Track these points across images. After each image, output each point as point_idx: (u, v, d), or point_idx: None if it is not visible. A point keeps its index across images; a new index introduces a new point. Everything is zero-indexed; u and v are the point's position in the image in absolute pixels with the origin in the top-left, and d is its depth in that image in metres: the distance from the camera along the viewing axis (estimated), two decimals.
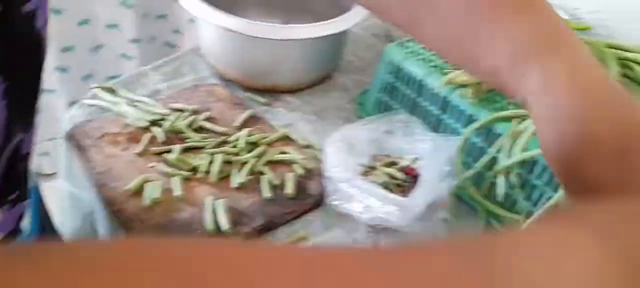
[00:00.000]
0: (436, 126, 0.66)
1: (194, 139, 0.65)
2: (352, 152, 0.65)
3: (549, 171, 0.55)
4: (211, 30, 0.75)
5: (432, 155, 0.60)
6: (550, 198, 0.54)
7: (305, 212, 0.61)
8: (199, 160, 0.62)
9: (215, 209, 0.57)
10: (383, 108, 0.71)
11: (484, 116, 0.60)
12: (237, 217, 0.57)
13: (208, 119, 0.68)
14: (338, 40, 0.77)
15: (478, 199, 0.60)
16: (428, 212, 0.59)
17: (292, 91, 0.76)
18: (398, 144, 0.67)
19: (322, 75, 0.78)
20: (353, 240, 0.59)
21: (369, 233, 0.59)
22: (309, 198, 0.61)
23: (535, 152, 0.55)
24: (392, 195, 0.57)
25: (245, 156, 0.63)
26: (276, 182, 0.61)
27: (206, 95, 0.73)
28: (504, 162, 0.57)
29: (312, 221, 0.61)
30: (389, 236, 0.59)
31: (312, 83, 0.78)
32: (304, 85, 0.77)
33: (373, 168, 0.64)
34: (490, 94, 0.61)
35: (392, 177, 0.63)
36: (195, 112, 0.69)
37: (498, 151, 0.58)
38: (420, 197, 0.56)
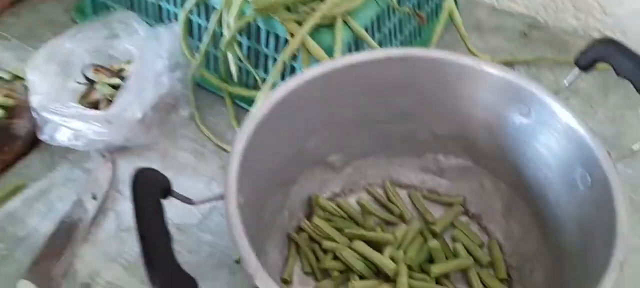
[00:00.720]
0: (158, 16, 0.56)
1: None
2: (67, 70, 0.54)
3: (274, 36, 0.49)
4: None
5: (146, 51, 0.51)
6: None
7: (18, 157, 0.50)
8: None
9: None
10: (102, 9, 0.60)
11: None
12: None
13: None
14: None
15: (217, 84, 0.54)
16: (160, 114, 0.51)
17: None
18: (124, 46, 0.57)
19: None
20: (85, 172, 0.50)
21: (103, 159, 0.50)
22: (15, 140, 0.50)
23: (249, 17, 0.48)
24: (91, 112, 0.48)
25: None
26: None
27: None
28: (225, 35, 0.50)
29: (28, 165, 0.50)
30: (126, 155, 0.50)
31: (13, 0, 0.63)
32: (1, 5, 0.62)
33: (93, 82, 0.54)
34: None
35: (117, 87, 0.53)
36: None
37: (219, 25, 0.51)
38: (127, 103, 0.47)
